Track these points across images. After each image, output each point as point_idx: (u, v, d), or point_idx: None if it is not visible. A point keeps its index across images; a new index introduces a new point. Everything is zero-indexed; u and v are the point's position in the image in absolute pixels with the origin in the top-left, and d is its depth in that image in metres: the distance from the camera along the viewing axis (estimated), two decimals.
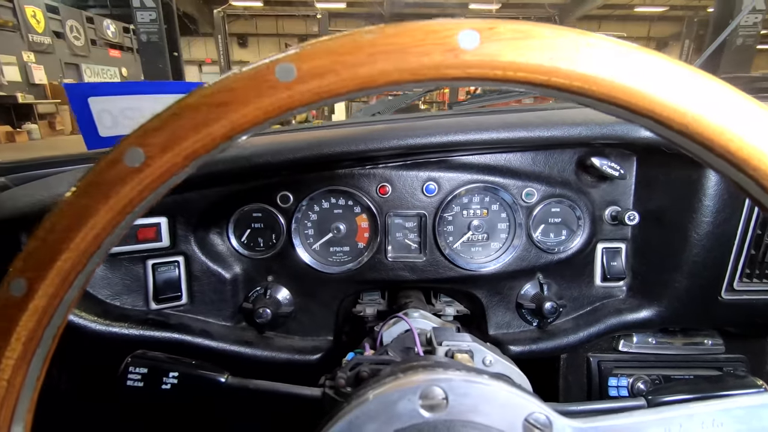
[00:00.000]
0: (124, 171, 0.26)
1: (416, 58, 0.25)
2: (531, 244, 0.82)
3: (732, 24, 0.84)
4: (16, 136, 9.70)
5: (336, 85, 0.26)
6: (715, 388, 0.46)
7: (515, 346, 0.83)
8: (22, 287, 0.27)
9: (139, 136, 0.26)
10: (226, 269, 0.80)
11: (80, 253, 0.27)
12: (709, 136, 0.25)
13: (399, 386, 0.28)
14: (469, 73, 0.26)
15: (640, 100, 0.25)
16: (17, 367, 0.28)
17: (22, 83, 10.93)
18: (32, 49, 11.38)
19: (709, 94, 0.24)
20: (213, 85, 0.26)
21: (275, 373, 0.82)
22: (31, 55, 11.35)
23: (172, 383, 0.45)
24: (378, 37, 0.25)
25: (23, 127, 10.13)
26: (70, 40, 13.01)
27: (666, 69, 0.24)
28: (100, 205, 0.26)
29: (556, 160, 0.82)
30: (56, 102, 11.46)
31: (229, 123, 0.26)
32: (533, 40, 0.25)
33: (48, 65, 11.84)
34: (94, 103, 0.63)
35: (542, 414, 0.28)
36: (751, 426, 0.26)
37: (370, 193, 0.80)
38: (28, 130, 10.12)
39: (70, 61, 13.18)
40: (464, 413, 0.28)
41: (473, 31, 0.25)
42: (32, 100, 10.63)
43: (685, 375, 0.89)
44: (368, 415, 0.28)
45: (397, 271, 0.83)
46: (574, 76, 0.25)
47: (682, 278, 0.77)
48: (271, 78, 0.25)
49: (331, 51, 0.25)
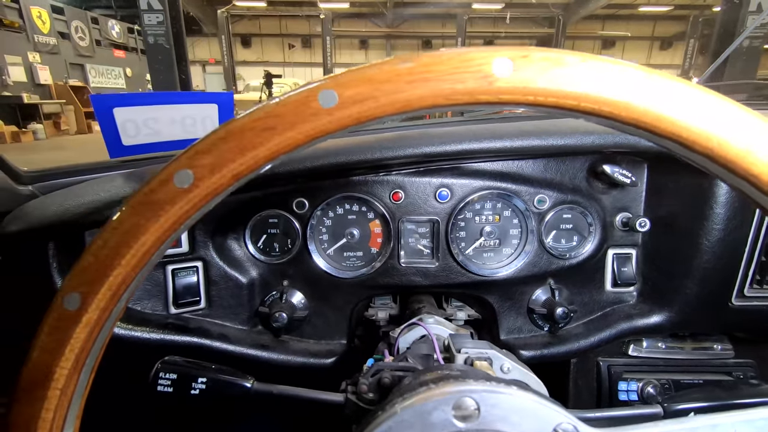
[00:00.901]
0: (174, 191, 0.27)
1: (451, 85, 0.27)
2: (543, 250, 0.84)
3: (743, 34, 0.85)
4: (22, 136, 9.77)
5: (375, 110, 0.27)
6: (730, 395, 0.47)
7: (526, 350, 0.85)
8: (75, 302, 0.28)
9: (189, 158, 0.27)
10: (242, 274, 0.82)
11: (130, 268, 0.28)
12: (733, 159, 0.26)
13: (433, 397, 0.30)
14: (501, 98, 0.27)
15: (665, 124, 0.26)
16: (69, 376, 0.29)
17: (28, 83, 11.01)
18: (38, 49, 11.46)
19: (733, 119, 0.26)
20: (259, 110, 0.27)
21: (290, 376, 0.84)
22: (37, 55, 11.43)
23: (200, 388, 0.47)
24: (415, 66, 0.27)
25: (28, 127, 10.20)
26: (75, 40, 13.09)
27: (690, 95, 0.26)
28: (150, 224, 0.28)
29: (568, 167, 0.83)
30: (61, 102, 11.53)
31: (274, 146, 0.28)
32: (563, 68, 0.26)
33: (53, 65, 11.92)
34: (118, 113, 0.64)
35: (570, 424, 0.29)
36: None
37: (384, 199, 0.82)
38: (33, 130, 10.19)
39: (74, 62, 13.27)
40: (495, 423, 0.29)
41: (506, 60, 0.26)
42: (37, 100, 10.70)
43: (695, 379, 0.90)
44: (404, 425, 0.29)
45: (409, 277, 0.85)
46: (602, 101, 0.26)
47: (693, 284, 0.78)
48: (315, 105, 0.27)
49: (371, 79, 0.27)
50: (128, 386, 0.67)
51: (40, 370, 0.29)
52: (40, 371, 0.29)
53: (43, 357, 0.29)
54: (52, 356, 0.29)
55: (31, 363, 0.29)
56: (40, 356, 0.29)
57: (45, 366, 0.29)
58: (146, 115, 0.67)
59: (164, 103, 0.67)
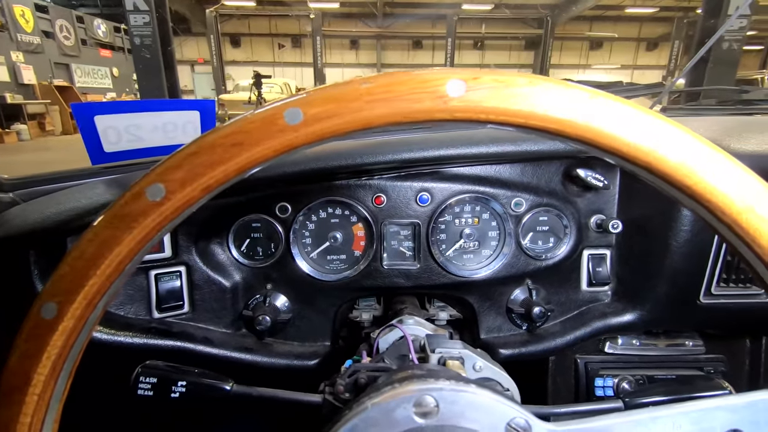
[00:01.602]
0: (147, 204, 0.29)
1: (408, 104, 0.28)
2: (520, 252, 0.86)
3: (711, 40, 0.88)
4: (5, 137, 9.58)
5: (337, 127, 0.29)
6: (685, 390, 0.49)
7: (505, 349, 0.87)
8: (52, 310, 0.29)
9: (159, 173, 0.29)
10: (226, 278, 0.83)
11: (105, 278, 0.30)
12: (669, 172, 0.28)
13: (395, 396, 0.32)
14: (455, 116, 0.29)
15: (606, 140, 0.29)
16: (47, 382, 0.30)
17: (11, 83, 10.80)
18: (21, 48, 11.25)
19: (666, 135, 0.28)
20: (228, 126, 0.29)
21: (275, 378, 0.85)
22: (20, 54, 11.23)
23: (180, 392, 0.48)
24: (374, 86, 0.29)
25: (12, 127, 10.01)
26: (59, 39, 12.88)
27: (628, 113, 0.28)
28: (124, 235, 0.29)
29: (544, 171, 0.86)
30: (46, 102, 11.34)
31: (242, 161, 0.29)
32: (512, 89, 0.28)
33: (37, 65, 11.72)
34: (99, 120, 0.65)
35: (522, 418, 0.31)
36: (702, 427, 0.29)
37: (366, 203, 0.83)
38: (17, 131, 10.00)
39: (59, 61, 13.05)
40: (453, 419, 0.31)
41: (460, 81, 0.28)
42: (21, 101, 10.51)
43: (668, 375, 0.93)
44: (368, 422, 0.31)
45: (392, 278, 0.86)
46: (548, 119, 0.28)
47: (664, 283, 0.81)
48: (281, 122, 0.28)
49: (334, 98, 0.29)
50: (111, 390, 0.67)
51: (18, 375, 0.30)
52: (19, 376, 0.30)
53: (22, 363, 0.30)
54: (30, 362, 0.30)
55: (10, 368, 0.30)
56: (19, 362, 0.30)
57: (23, 371, 0.30)
58: (128, 122, 0.68)
59: (146, 110, 0.68)
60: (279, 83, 12.89)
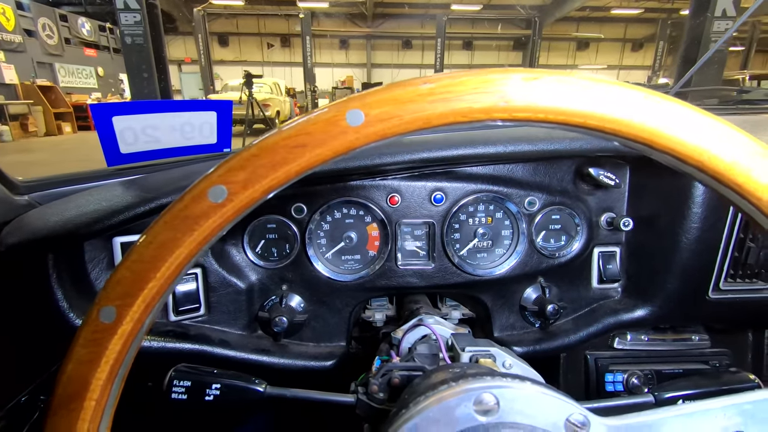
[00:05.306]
0: (208, 206, 0.29)
1: (468, 104, 0.29)
2: (533, 250, 0.87)
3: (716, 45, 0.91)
4: None
5: (398, 127, 0.29)
6: (712, 383, 0.51)
7: (519, 347, 0.88)
8: (111, 314, 0.29)
9: (221, 175, 0.29)
10: (241, 280, 0.82)
11: (164, 280, 0.29)
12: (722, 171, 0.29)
13: (455, 394, 0.32)
14: (514, 116, 0.29)
15: (660, 139, 0.29)
16: (104, 388, 0.30)
17: None
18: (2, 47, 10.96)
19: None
20: (289, 128, 0.29)
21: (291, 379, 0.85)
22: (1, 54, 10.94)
23: (214, 395, 0.48)
24: (435, 86, 0.29)
25: None
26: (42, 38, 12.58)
27: (681, 112, 0.29)
28: (185, 237, 0.29)
29: (556, 170, 0.87)
30: (29, 102, 11.06)
31: (304, 162, 0.29)
32: (572, 89, 0.29)
33: (19, 64, 11.43)
34: (117, 121, 0.64)
35: (581, 414, 0.32)
36: (757, 418, 0.30)
37: (381, 203, 0.84)
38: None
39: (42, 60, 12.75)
40: (514, 416, 0.31)
41: (521, 81, 0.28)
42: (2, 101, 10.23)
43: (675, 369, 0.95)
44: (429, 420, 0.31)
45: (407, 278, 0.87)
46: (606, 119, 0.29)
47: (673, 279, 0.83)
48: (343, 123, 0.29)
49: (394, 99, 0.29)
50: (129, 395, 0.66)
51: (76, 382, 0.29)
52: (77, 382, 0.29)
53: (79, 369, 0.29)
54: (88, 368, 0.29)
55: (67, 375, 0.29)
56: (76, 368, 0.29)
57: (81, 378, 0.29)
58: (145, 122, 0.67)
59: (163, 110, 0.67)
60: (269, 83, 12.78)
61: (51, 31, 12.99)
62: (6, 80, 10.90)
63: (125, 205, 0.61)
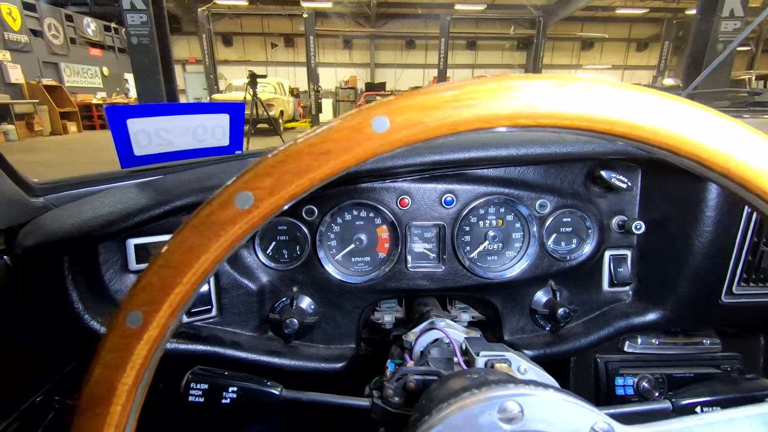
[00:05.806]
0: (235, 212, 0.29)
1: (493, 111, 0.29)
2: (544, 253, 0.87)
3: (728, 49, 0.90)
4: None
5: (423, 133, 0.29)
6: (730, 390, 0.50)
7: (530, 350, 0.88)
8: (138, 319, 0.29)
9: (247, 181, 0.29)
10: (253, 281, 0.82)
11: (190, 286, 0.30)
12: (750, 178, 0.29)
13: (477, 401, 0.32)
14: (539, 122, 0.29)
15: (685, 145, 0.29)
16: (129, 392, 0.30)
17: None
18: (8, 47, 11.05)
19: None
20: (314, 135, 0.29)
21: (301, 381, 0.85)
22: (7, 53, 11.02)
23: (231, 398, 0.48)
24: (460, 93, 0.29)
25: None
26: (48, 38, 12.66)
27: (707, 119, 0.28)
28: (211, 243, 0.29)
29: (567, 173, 0.87)
30: (34, 102, 11.13)
31: (329, 168, 0.29)
32: (599, 95, 0.28)
33: (25, 64, 11.52)
34: (132, 124, 0.64)
35: (605, 422, 0.31)
36: None
37: (391, 205, 0.83)
38: (4, 131, 9.80)
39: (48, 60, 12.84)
40: (538, 424, 0.31)
41: (547, 88, 0.28)
42: (8, 100, 10.30)
43: (686, 373, 0.95)
44: (452, 428, 0.31)
45: (416, 281, 0.87)
46: (633, 126, 0.29)
47: (685, 283, 0.83)
48: (368, 130, 0.29)
49: (419, 105, 0.29)
50: None
51: (103, 385, 0.29)
52: (104, 387, 0.29)
53: (106, 374, 0.29)
54: (115, 373, 0.29)
55: (94, 379, 0.29)
56: (103, 373, 0.29)
57: (108, 382, 0.29)
58: (158, 125, 0.67)
59: (177, 113, 0.68)
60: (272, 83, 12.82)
61: (57, 31, 13.07)
62: (12, 80, 10.98)
63: (139, 207, 0.61)
